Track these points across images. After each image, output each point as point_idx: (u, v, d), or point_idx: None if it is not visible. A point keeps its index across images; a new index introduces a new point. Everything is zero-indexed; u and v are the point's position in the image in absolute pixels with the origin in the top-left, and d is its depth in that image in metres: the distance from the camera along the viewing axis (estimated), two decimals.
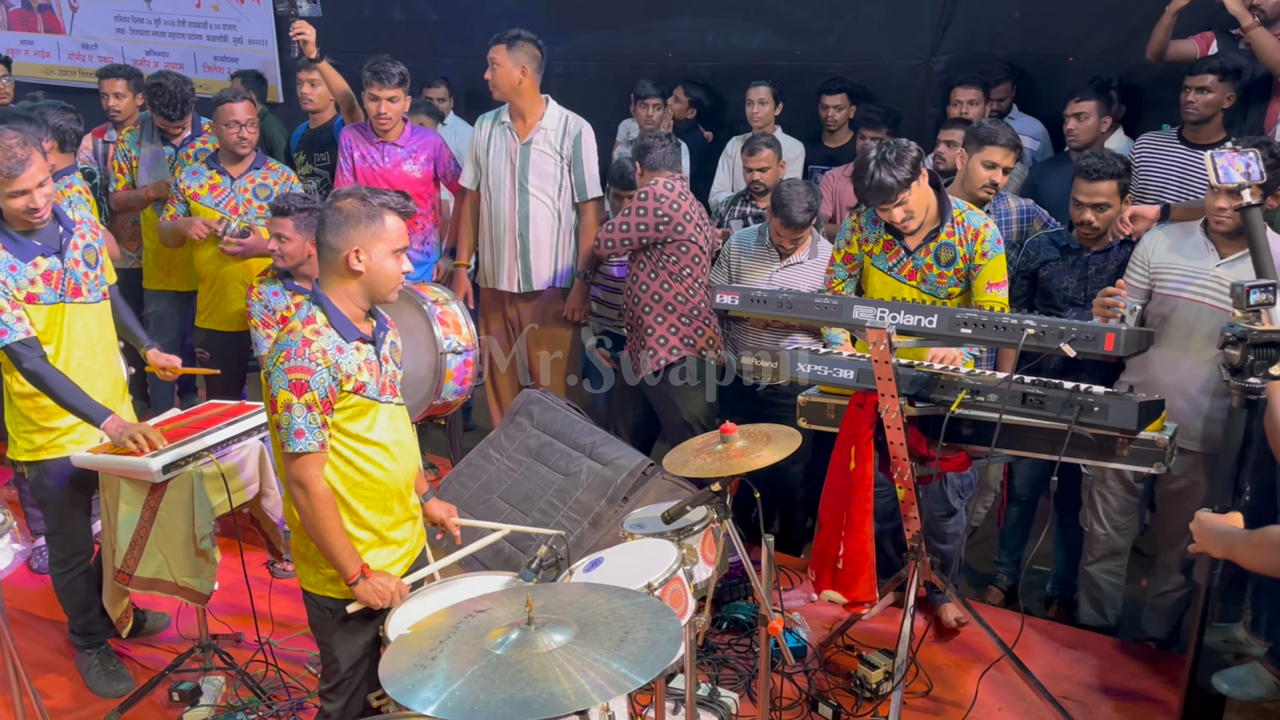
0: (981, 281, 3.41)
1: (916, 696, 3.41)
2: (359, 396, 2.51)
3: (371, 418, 2.56)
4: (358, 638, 2.65)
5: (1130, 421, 2.71)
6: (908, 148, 3.26)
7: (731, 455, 2.76)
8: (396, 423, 2.64)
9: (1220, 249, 3.30)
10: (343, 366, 2.47)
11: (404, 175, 4.66)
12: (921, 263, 3.45)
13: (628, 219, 4.07)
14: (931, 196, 3.36)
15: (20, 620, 3.91)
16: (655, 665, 1.81)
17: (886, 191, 3.23)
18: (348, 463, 2.55)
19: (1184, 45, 4.38)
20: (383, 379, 2.59)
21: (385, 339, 2.65)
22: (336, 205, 2.51)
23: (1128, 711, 3.37)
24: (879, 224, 3.50)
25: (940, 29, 5.28)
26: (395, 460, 2.62)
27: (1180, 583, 3.67)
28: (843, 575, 3.21)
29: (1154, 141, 4.29)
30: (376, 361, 2.57)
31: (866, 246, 3.56)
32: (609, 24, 6.15)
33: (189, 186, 4.39)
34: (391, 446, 2.61)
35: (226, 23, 7.39)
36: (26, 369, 3.08)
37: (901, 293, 3.50)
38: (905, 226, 3.35)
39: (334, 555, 2.52)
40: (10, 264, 3.08)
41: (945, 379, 3.03)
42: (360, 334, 2.54)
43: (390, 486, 2.63)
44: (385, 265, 2.51)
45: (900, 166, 3.22)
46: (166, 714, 3.38)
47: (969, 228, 3.40)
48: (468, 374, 3.78)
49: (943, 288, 3.46)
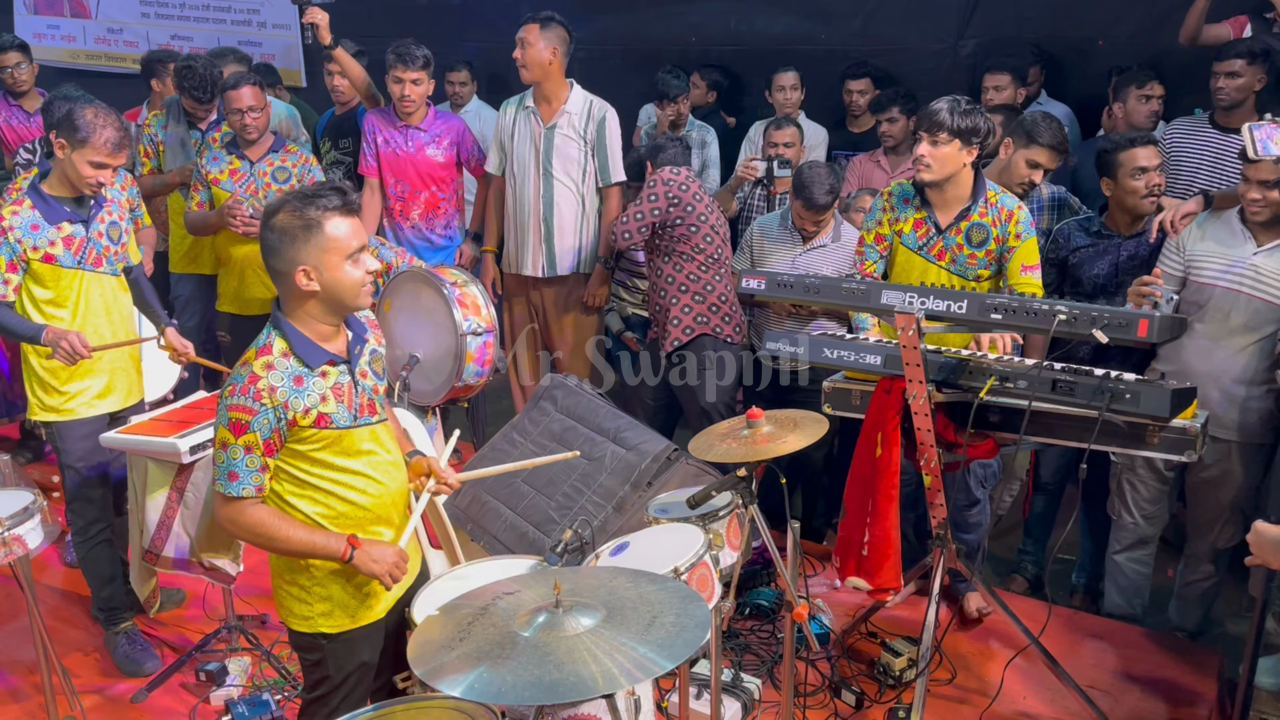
0: (1016, 264, 3.36)
1: (940, 684, 3.40)
2: (324, 429, 2.30)
3: (346, 446, 2.35)
4: (353, 655, 2.49)
5: (1162, 409, 2.68)
6: (982, 116, 3.28)
7: (757, 441, 2.75)
8: (379, 441, 2.43)
9: (1257, 237, 3.25)
10: (295, 406, 2.24)
11: (427, 159, 4.67)
12: (952, 242, 3.41)
13: (640, 207, 4.11)
14: (962, 169, 3.32)
15: (50, 600, 3.97)
16: (683, 650, 1.80)
17: (933, 121, 3.25)
18: (327, 494, 2.35)
19: (1218, 29, 4.31)
20: (358, 400, 2.36)
21: (363, 351, 2.43)
22: (270, 224, 2.26)
23: (1154, 701, 3.34)
24: (910, 202, 3.47)
25: (967, 12, 5.23)
26: (380, 484, 2.41)
27: (1209, 572, 3.63)
28: (867, 562, 3.19)
29: (1185, 127, 4.23)
30: (350, 382, 2.35)
31: (896, 226, 3.52)
32: (632, 8, 6.13)
33: (210, 171, 4.40)
34: (373, 470, 2.40)
35: (250, 7, 7.41)
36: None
37: (929, 273, 3.45)
38: (918, 167, 3.34)
39: (314, 553, 2.33)
40: (34, 223, 3.23)
41: (974, 365, 3.00)
42: (329, 356, 2.32)
43: (376, 513, 2.43)
44: (341, 276, 2.26)
45: (964, 118, 3.23)
46: (193, 693, 3.41)
47: (1002, 209, 3.36)
48: (488, 355, 3.79)
49: (972, 269, 3.42)
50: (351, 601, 2.44)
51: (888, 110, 4.87)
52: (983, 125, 3.27)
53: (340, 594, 2.42)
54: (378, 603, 2.49)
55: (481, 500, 3.70)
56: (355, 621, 2.46)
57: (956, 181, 3.36)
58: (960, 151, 3.28)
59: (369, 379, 2.43)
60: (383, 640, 2.54)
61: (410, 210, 4.72)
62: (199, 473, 3.28)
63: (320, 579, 2.40)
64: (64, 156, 3.19)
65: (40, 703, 3.17)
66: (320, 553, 2.34)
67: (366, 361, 2.44)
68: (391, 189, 4.72)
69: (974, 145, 3.28)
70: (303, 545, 2.32)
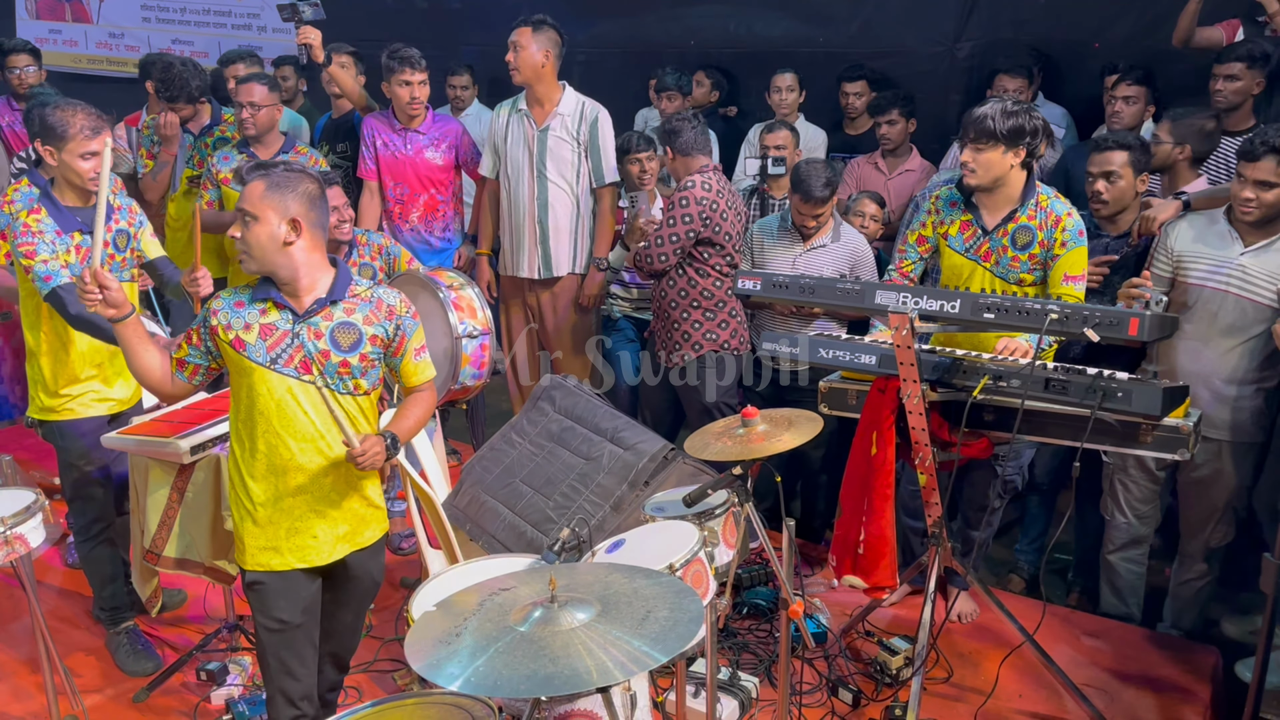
0: (1058, 273, 3.27)
1: (937, 682, 3.41)
2: (240, 354, 2.54)
3: (251, 380, 2.56)
4: (268, 610, 2.68)
5: (1154, 407, 2.70)
6: (1031, 117, 3.20)
7: (753, 439, 2.77)
8: (297, 401, 2.57)
9: (1245, 237, 3.28)
10: (220, 319, 2.56)
11: (426, 162, 4.70)
12: (998, 244, 3.35)
13: (674, 228, 4.05)
14: (1010, 173, 3.26)
15: (51, 600, 3.99)
16: (677, 644, 1.82)
17: (980, 128, 3.19)
18: (250, 428, 2.60)
19: (1210, 32, 4.34)
20: (289, 350, 2.55)
21: (326, 316, 2.58)
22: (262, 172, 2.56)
23: (1149, 699, 3.35)
24: (957, 205, 3.44)
25: (964, 15, 5.25)
26: (290, 440, 2.58)
27: (1203, 571, 3.65)
28: (863, 560, 3.21)
29: None
30: (287, 331, 2.55)
31: (942, 229, 3.47)
32: (631, 11, 6.15)
33: (221, 170, 4.45)
34: (280, 419, 2.57)
35: (250, 11, 7.45)
36: (73, 314, 3.18)
37: (975, 275, 3.40)
38: (965, 171, 3.29)
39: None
40: (56, 228, 3.25)
41: (968, 364, 3.02)
42: (275, 298, 2.56)
43: (275, 463, 2.60)
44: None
45: (1006, 120, 3.17)
46: (194, 693, 3.43)
47: (1050, 213, 3.28)
48: (484, 358, 3.81)
49: (1014, 272, 3.34)
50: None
51: (887, 112, 4.89)
52: (1029, 125, 3.19)
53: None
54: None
55: (480, 500, 3.72)
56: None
57: (1005, 183, 3.29)
58: (1006, 155, 3.21)
59: (321, 341, 2.57)
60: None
61: (409, 213, 4.75)
62: (199, 472, 3.31)
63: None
64: (57, 163, 3.21)
65: (42, 703, 3.18)
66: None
67: (330, 326, 2.58)
68: (391, 192, 4.75)
69: (1021, 146, 3.21)
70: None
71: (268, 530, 2.64)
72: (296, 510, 2.64)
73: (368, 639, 3.66)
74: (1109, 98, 4.43)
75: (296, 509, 2.64)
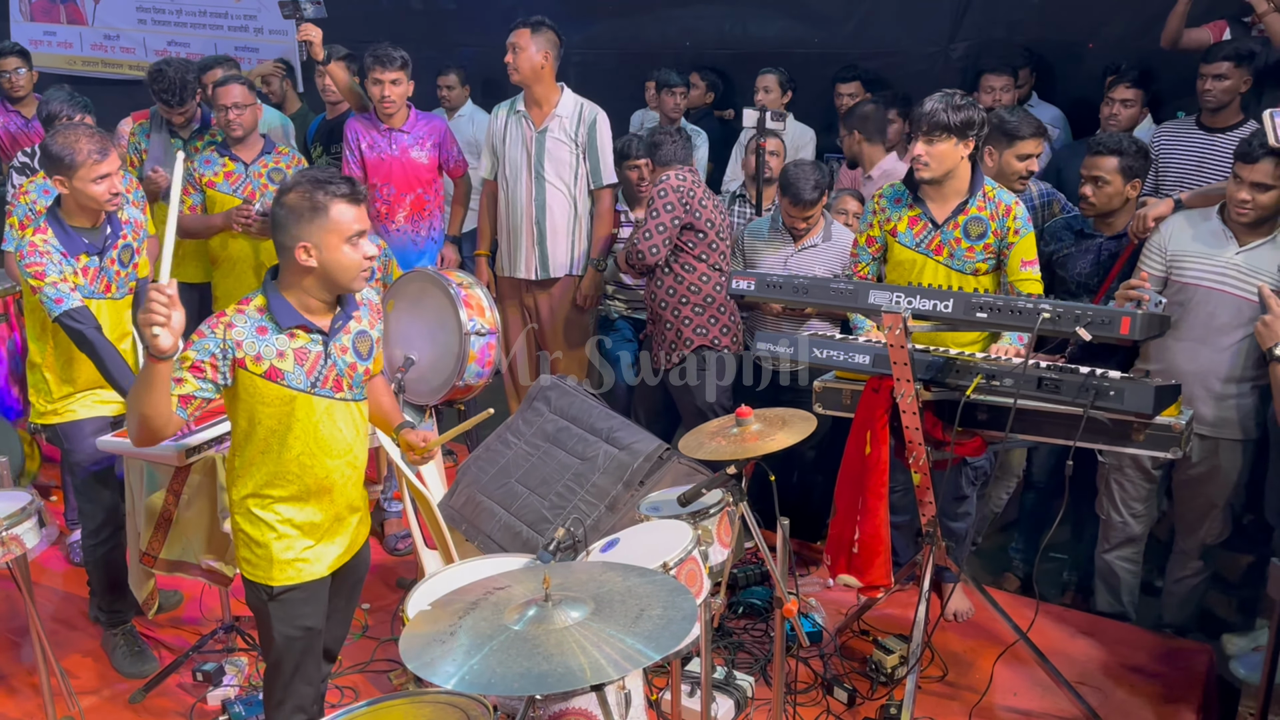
0: (1015, 260, 3.36)
1: (931, 681, 3.42)
2: (277, 384, 2.44)
3: (292, 407, 2.47)
4: (294, 619, 2.64)
5: (1146, 405, 2.71)
6: (975, 108, 3.27)
7: (747, 439, 2.78)
8: (334, 418, 2.54)
9: (1240, 237, 3.28)
10: (247, 349, 2.40)
11: (412, 162, 4.65)
12: (950, 236, 3.41)
13: (659, 218, 4.08)
14: (959, 164, 3.33)
15: (48, 601, 3.99)
16: (670, 642, 1.83)
17: (932, 121, 3.25)
18: (279, 453, 2.51)
19: (1198, 33, 4.40)
20: (324, 371, 2.50)
21: (345, 330, 2.55)
22: (281, 201, 2.42)
23: (1143, 697, 3.36)
24: (903, 201, 3.49)
25: (958, 16, 5.27)
26: (326, 458, 2.54)
27: (1198, 569, 3.66)
28: (858, 560, 3.22)
29: (1172, 130, 4.28)
30: (320, 353, 2.49)
31: (889, 225, 3.52)
32: (626, 12, 6.17)
33: (204, 174, 4.41)
34: (318, 447, 2.53)
35: (247, 13, 7.45)
36: (82, 340, 3.20)
37: (927, 269, 3.45)
38: (916, 166, 3.35)
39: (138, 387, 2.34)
40: (62, 250, 3.24)
41: (961, 363, 3.03)
42: (303, 322, 2.46)
43: (309, 484, 2.56)
44: (339, 257, 2.41)
45: (956, 113, 3.24)
46: (190, 694, 3.44)
47: (1000, 203, 3.37)
48: (490, 356, 3.83)
49: (970, 263, 3.40)
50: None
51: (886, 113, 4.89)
52: (976, 117, 3.28)
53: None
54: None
55: (476, 500, 3.73)
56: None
57: (954, 175, 3.36)
58: (958, 146, 3.29)
59: (348, 355, 2.55)
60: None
61: (396, 213, 4.69)
62: (195, 475, 3.31)
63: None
64: (69, 191, 3.20)
65: (39, 703, 3.19)
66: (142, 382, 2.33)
67: (350, 339, 2.57)
68: (377, 193, 4.72)
69: (970, 138, 3.29)
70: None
71: (299, 545, 2.62)
72: (327, 522, 2.65)
73: (363, 638, 3.67)
74: (1108, 99, 4.45)
75: (327, 520, 2.65)
